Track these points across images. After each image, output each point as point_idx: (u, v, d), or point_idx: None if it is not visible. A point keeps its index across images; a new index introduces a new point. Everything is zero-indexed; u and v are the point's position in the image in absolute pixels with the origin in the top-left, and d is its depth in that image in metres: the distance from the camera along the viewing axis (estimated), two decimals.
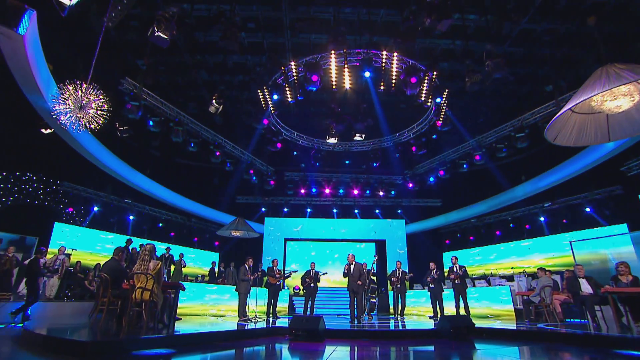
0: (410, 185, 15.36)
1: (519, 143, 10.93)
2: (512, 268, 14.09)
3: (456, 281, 9.88)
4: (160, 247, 13.58)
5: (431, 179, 14.68)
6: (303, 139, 14.23)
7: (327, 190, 16.42)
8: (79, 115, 5.64)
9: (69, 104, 5.61)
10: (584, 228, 13.08)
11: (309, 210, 18.03)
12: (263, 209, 18.26)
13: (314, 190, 16.37)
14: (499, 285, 12.40)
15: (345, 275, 9.20)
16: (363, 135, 12.69)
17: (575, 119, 5.06)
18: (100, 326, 5.36)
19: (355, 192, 16.30)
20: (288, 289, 14.91)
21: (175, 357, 4.51)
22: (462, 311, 9.83)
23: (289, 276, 11.07)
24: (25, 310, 7.43)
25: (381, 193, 16.27)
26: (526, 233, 15.55)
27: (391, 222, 17.70)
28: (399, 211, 17.98)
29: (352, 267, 9.16)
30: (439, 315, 10.66)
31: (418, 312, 12.78)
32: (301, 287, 11.47)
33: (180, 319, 7.48)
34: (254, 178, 15.19)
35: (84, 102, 5.60)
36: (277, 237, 17.71)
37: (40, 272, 8.20)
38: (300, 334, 6.63)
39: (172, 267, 13.35)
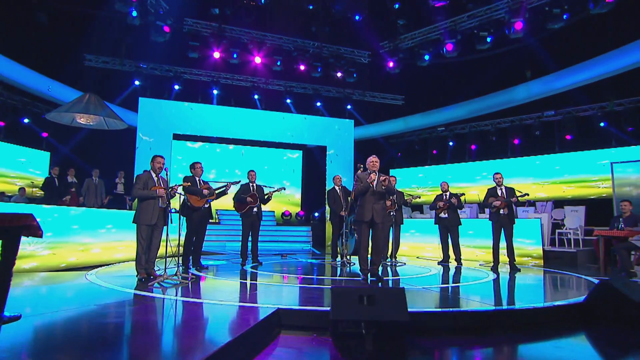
0: (391, 64, 12.16)
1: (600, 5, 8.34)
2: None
3: (502, 211, 7.60)
4: None
5: (426, 57, 11.69)
6: None
7: (258, 60, 12.03)
8: None
9: None
10: (593, 148, 12.27)
11: (215, 92, 13.48)
12: (136, 82, 12.89)
13: (235, 56, 11.78)
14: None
15: (362, 193, 5.95)
16: None
17: None
18: None
19: (302, 67, 12.37)
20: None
21: None
22: (502, 257, 7.79)
23: (224, 192, 7.19)
24: None
25: (339, 74, 12.73)
26: (510, 150, 14.44)
27: (336, 121, 14.63)
28: (349, 107, 14.92)
29: (375, 180, 5.95)
30: (451, 260, 8.58)
31: (406, 253, 10.63)
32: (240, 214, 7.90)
33: None
34: (134, 14, 9.79)
35: None
36: (159, 133, 12.98)
37: None
38: (365, 332, 3.33)
39: None
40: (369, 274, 6.00)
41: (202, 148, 15.42)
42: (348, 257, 8.00)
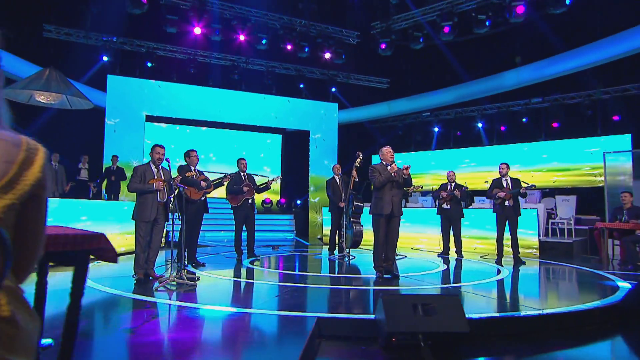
0: (383, 46, 11.92)
1: None
2: (485, 182, 13.00)
3: (507, 203, 7.63)
4: None
5: (421, 40, 11.54)
6: None
7: (242, 37, 11.46)
8: None
9: None
10: (580, 135, 12.55)
11: (192, 70, 12.82)
12: (104, 58, 12.05)
13: (217, 32, 11.18)
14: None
15: (382, 185, 5.80)
16: None
17: None
18: None
19: (289, 47, 11.93)
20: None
21: None
22: (506, 249, 7.85)
23: (221, 183, 6.88)
24: None
25: (328, 55, 12.38)
26: (496, 137, 14.63)
27: (322, 104, 14.33)
28: (333, 89, 14.62)
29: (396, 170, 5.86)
30: (450, 253, 8.60)
31: (398, 244, 10.51)
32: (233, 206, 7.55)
33: None
34: None
35: None
36: (130, 114, 12.24)
37: None
38: (423, 344, 3.17)
39: None
40: (383, 271, 5.90)
41: (171, 129, 14.69)
42: (347, 250, 7.86)
